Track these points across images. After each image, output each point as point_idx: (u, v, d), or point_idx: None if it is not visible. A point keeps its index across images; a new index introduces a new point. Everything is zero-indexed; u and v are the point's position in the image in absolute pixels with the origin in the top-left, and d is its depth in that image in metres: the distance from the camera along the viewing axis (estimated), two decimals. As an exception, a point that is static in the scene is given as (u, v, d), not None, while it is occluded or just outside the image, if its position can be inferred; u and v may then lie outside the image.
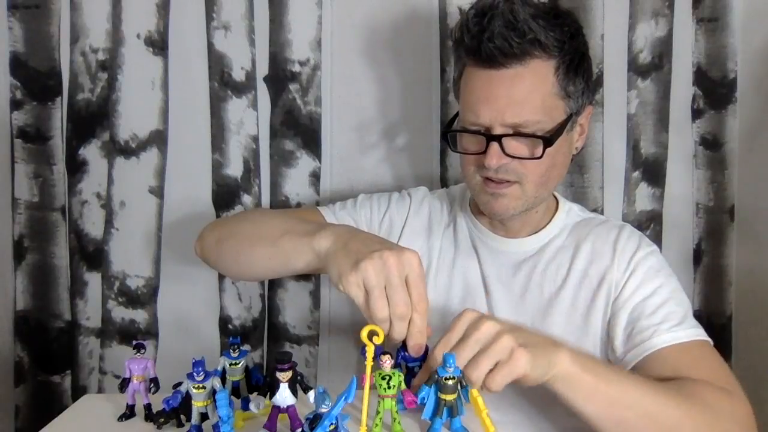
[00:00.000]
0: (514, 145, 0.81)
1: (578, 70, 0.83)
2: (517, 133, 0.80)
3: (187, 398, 0.65)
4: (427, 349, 0.72)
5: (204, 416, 0.65)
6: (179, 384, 0.66)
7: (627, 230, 0.92)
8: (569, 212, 0.95)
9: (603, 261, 0.88)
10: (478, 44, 0.80)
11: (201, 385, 0.64)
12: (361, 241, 0.72)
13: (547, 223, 0.93)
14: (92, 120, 1.13)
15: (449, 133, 0.90)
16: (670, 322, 0.82)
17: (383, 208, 0.99)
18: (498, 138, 0.80)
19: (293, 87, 1.11)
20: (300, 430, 0.61)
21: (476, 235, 0.95)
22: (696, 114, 1.12)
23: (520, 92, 0.80)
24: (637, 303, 0.84)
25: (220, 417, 0.61)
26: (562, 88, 0.82)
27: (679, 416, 0.71)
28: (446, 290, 0.93)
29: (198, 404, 0.65)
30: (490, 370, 0.65)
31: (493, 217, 0.90)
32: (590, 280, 0.88)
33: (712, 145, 1.12)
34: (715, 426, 0.72)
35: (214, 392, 0.64)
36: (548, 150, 0.81)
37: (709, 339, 0.83)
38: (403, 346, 0.72)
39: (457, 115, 0.89)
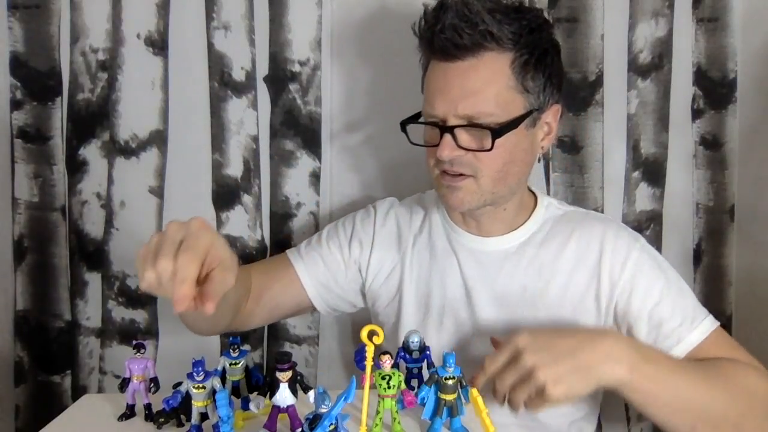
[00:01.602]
0: (467, 138, 0.81)
1: (538, 65, 0.82)
2: (470, 124, 0.80)
3: (187, 398, 0.65)
4: (427, 348, 0.72)
5: (204, 416, 0.66)
6: (179, 384, 0.66)
7: (612, 229, 0.90)
8: (548, 207, 0.94)
9: (590, 259, 0.88)
10: (431, 36, 0.81)
11: (201, 385, 0.64)
12: None
13: (526, 220, 0.92)
14: (92, 120, 1.13)
15: (406, 124, 0.89)
16: (687, 319, 0.84)
17: (348, 233, 0.99)
18: (450, 129, 0.80)
19: (293, 87, 1.11)
20: (300, 430, 0.61)
21: (453, 236, 0.94)
22: (696, 114, 1.12)
23: (474, 84, 0.79)
24: (651, 309, 0.85)
25: (220, 417, 0.61)
26: (519, 82, 0.81)
27: (724, 405, 0.77)
28: (425, 295, 0.93)
29: (198, 404, 0.65)
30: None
31: (451, 209, 0.90)
32: (577, 278, 0.88)
33: (712, 145, 1.12)
34: (755, 405, 0.79)
35: (214, 392, 0.64)
36: (501, 143, 0.80)
37: (716, 320, 0.87)
38: (404, 347, 0.72)
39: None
